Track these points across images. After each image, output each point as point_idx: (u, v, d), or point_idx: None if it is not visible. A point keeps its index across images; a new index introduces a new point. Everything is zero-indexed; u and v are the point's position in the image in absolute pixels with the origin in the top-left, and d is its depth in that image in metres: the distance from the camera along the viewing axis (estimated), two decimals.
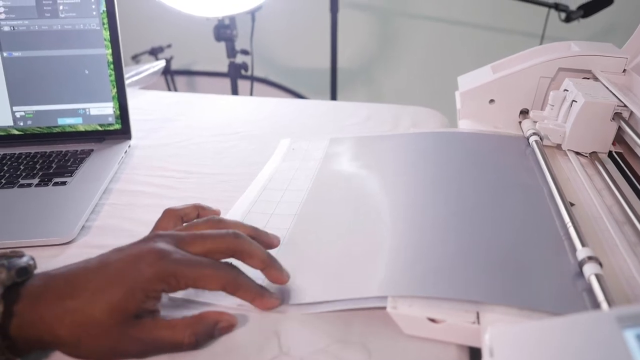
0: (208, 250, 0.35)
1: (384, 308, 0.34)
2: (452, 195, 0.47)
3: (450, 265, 0.37)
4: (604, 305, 0.31)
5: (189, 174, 0.59)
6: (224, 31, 1.26)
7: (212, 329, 0.34)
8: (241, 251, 0.35)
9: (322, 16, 1.42)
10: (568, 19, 1.32)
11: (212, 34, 1.32)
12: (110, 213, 0.51)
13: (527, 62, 0.60)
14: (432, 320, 0.33)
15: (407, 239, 0.41)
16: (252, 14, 1.32)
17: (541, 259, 0.38)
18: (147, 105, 0.82)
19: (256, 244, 0.37)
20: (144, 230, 0.48)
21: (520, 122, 0.61)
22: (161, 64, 0.98)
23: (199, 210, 0.43)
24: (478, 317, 0.32)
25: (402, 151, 0.57)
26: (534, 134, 0.55)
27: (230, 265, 0.35)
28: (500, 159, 0.53)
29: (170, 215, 0.41)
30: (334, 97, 1.50)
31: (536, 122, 0.57)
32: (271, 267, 0.36)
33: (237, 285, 0.35)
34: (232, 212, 0.49)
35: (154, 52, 1.68)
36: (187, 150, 0.66)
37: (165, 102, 0.85)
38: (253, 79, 1.43)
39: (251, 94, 1.50)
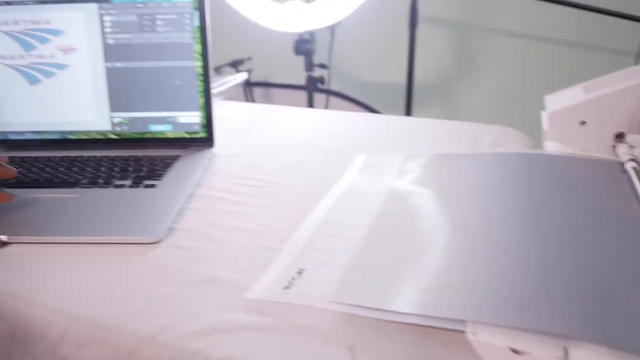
0: None
1: (462, 331, 0.33)
2: (539, 221, 0.44)
3: (536, 295, 0.35)
4: None
5: (267, 183, 0.61)
6: (303, 45, 1.29)
7: None
8: None
9: (401, 31, 1.42)
10: None
11: (291, 48, 1.36)
12: (193, 217, 0.54)
13: (625, 82, 0.56)
14: (515, 351, 0.31)
15: (490, 263, 0.39)
16: (332, 28, 1.35)
17: (633, 294, 0.35)
18: (228, 115, 0.86)
19: None
20: (223, 235, 0.50)
21: (614, 147, 0.57)
22: (243, 76, 1.03)
23: None
24: (566, 353, 0.30)
25: (483, 172, 0.55)
26: (632, 159, 0.51)
27: None
28: (591, 185, 0.50)
29: None
30: (408, 112, 1.49)
31: (634, 147, 0.53)
32: None
33: None
34: (307, 222, 0.50)
35: (235, 64, 1.76)
36: (265, 160, 0.68)
37: (245, 112, 0.89)
38: (329, 93, 1.45)
39: (326, 108, 1.52)
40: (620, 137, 0.57)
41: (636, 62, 1.38)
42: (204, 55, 0.68)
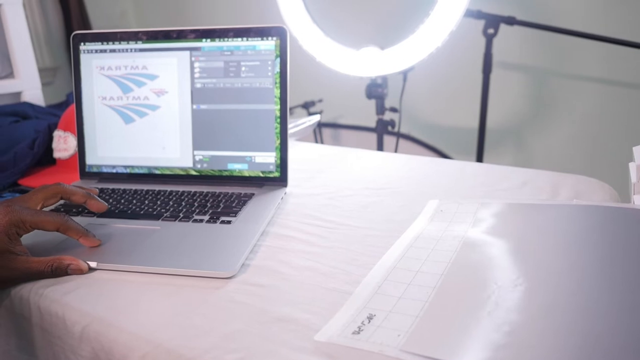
0: (41, 198, 0.55)
1: None
2: (624, 281, 0.41)
3: (610, 356, 0.32)
4: None
5: (337, 224, 0.62)
6: (375, 89, 1.32)
7: (65, 267, 0.50)
8: (64, 191, 0.56)
9: (474, 76, 1.41)
10: None
11: (362, 91, 1.39)
12: (266, 254, 0.55)
13: None
14: None
15: (572, 325, 0.37)
16: (405, 73, 1.37)
17: None
18: (301, 156, 0.89)
19: (76, 188, 0.57)
20: (294, 273, 0.51)
21: None
22: (317, 118, 1.06)
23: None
24: None
25: (563, 224, 0.53)
26: None
27: (62, 213, 0.54)
28: None
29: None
30: (480, 158, 1.45)
31: None
32: (92, 199, 0.58)
33: (67, 227, 0.52)
34: (378, 267, 0.50)
35: (307, 106, 1.82)
36: (336, 202, 0.69)
37: (317, 154, 0.91)
38: (399, 135, 1.46)
39: (396, 151, 1.53)
40: None
41: None
42: (282, 99, 0.71)
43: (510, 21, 1.27)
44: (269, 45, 0.71)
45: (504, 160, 1.67)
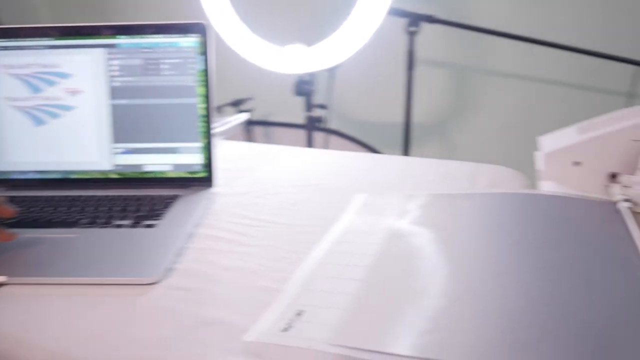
0: None
1: None
2: (535, 262, 0.45)
3: (528, 337, 0.35)
4: None
5: (266, 223, 0.61)
6: (303, 86, 1.32)
7: None
8: None
9: (399, 72, 1.45)
10: None
11: (291, 88, 1.39)
12: (192, 256, 0.54)
13: (618, 124, 0.58)
14: None
15: (489, 307, 0.39)
16: (332, 70, 1.39)
17: (631, 337, 0.35)
18: (230, 155, 0.87)
19: None
20: (222, 274, 0.50)
21: (607, 187, 0.58)
22: (245, 116, 1.05)
23: None
24: None
25: (481, 212, 0.56)
26: (626, 199, 0.52)
27: None
28: (586, 225, 0.50)
29: None
30: (406, 151, 1.50)
31: (627, 187, 0.53)
32: None
33: None
34: (306, 263, 0.50)
35: (236, 104, 1.79)
36: (265, 200, 0.68)
37: (246, 152, 0.90)
38: (328, 132, 1.48)
39: (326, 146, 1.54)
40: (614, 177, 0.58)
41: (627, 102, 1.41)
42: (207, 97, 0.70)
43: (430, 19, 1.32)
44: (190, 42, 0.69)
45: (429, 153, 1.74)
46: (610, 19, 1.44)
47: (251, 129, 1.95)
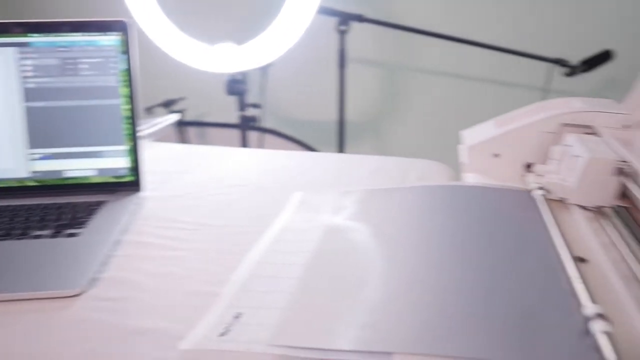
0: None
1: None
2: (460, 250, 0.47)
3: (457, 322, 0.36)
4: None
5: (200, 225, 0.60)
6: (235, 86, 1.30)
7: None
8: None
9: (332, 71, 1.47)
10: (571, 74, 1.36)
11: (223, 87, 1.37)
12: (119, 265, 0.51)
13: (530, 117, 0.62)
14: None
15: (416, 296, 0.41)
16: (264, 69, 1.38)
17: (547, 316, 0.37)
18: (159, 157, 0.84)
19: None
20: (152, 282, 0.48)
21: (523, 176, 0.62)
22: (175, 117, 1.02)
23: None
24: None
25: (411, 205, 0.58)
26: (539, 188, 0.56)
27: None
28: (505, 213, 0.53)
29: None
30: (341, 149, 1.53)
31: (540, 176, 0.57)
32: None
33: None
34: (244, 264, 0.50)
35: (167, 105, 1.74)
36: (198, 202, 0.67)
37: (177, 154, 0.87)
38: (263, 131, 1.47)
39: (261, 146, 1.53)
40: (529, 167, 0.62)
41: (541, 96, 1.52)
42: (131, 98, 0.67)
43: (360, 19, 1.34)
44: (111, 40, 0.66)
45: (363, 149, 1.78)
46: (527, 19, 1.54)
47: (185, 130, 1.90)
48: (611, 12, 1.46)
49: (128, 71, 0.67)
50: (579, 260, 0.45)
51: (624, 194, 0.54)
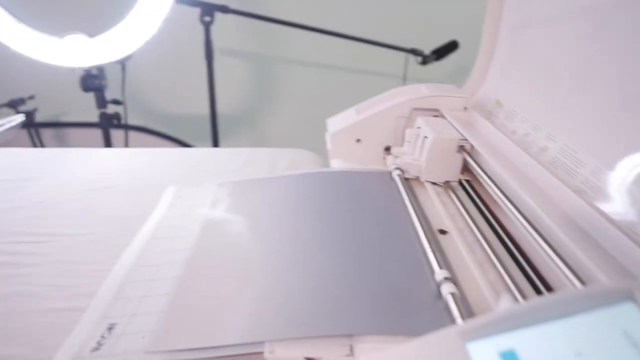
0: None
1: (262, 353, 0.34)
2: (327, 233, 0.49)
3: (322, 301, 0.38)
4: (459, 321, 0.35)
5: (52, 236, 0.54)
6: (91, 81, 1.20)
7: None
8: None
9: (199, 63, 1.43)
10: (424, 62, 1.48)
11: (78, 83, 1.26)
12: None
13: (385, 103, 0.66)
14: (310, 359, 0.33)
15: (281, 280, 0.42)
16: (122, 63, 1.29)
17: (406, 285, 0.41)
18: (4, 164, 0.75)
19: None
20: (1, 305, 0.43)
21: (384, 158, 0.66)
22: (19, 118, 0.91)
23: None
24: (352, 349, 0.34)
25: (280, 194, 0.59)
26: (396, 168, 0.60)
27: None
28: (369, 194, 0.57)
29: None
30: (216, 143, 1.50)
31: (397, 157, 0.62)
32: None
33: None
34: (115, 271, 0.46)
35: (14, 105, 1.55)
36: (50, 211, 0.60)
37: (25, 159, 0.78)
38: (128, 128, 1.37)
39: (126, 145, 1.44)
40: (387, 150, 0.67)
41: (401, 83, 1.64)
42: None
43: (224, 9, 1.32)
44: None
45: (240, 142, 1.77)
46: (385, 12, 1.64)
47: (38, 133, 1.71)
48: (459, 5, 1.62)
49: None
50: (440, 232, 0.49)
51: (467, 169, 0.60)
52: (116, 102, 1.27)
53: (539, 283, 0.41)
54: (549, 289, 0.40)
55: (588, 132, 0.45)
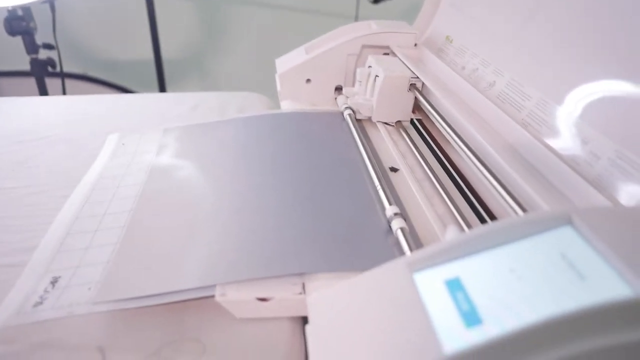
0: None
1: (213, 297, 0.33)
2: (281, 175, 0.48)
3: (273, 243, 0.38)
4: (408, 254, 0.35)
5: None
6: (17, 23, 1.10)
7: None
8: None
9: (139, 7, 1.33)
10: (376, 1, 1.44)
11: (2, 27, 1.15)
12: None
13: (335, 41, 0.64)
14: (262, 300, 0.33)
15: (232, 224, 0.41)
16: (51, 3, 1.18)
17: (358, 223, 0.41)
18: None
19: None
20: None
21: (335, 99, 0.65)
22: None
23: None
24: (304, 287, 0.34)
25: (232, 136, 0.57)
26: (347, 108, 0.59)
27: None
28: (321, 135, 0.56)
29: None
30: (162, 89, 1.43)
31: (348, 97, 0.61)
32: None
33: None
34: (56, 223, 0.44)
35: None
36: None
37: None
38: (65, 76, 1.28)
39: (64, 93, 1.35)
40: (338, 90, 0.66)
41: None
42: None
43: None
44: None
45: (189, 87, 1.69)
46: None
47: None
48: None
49: None
50: (392, 170, 0.49)
51: (418, 107, 0.60)
52: (48, 46, 1.17)
53: (485, 214, 0.42)
54: (494, 219, 0.41)
55: (533, 65, 0.46)
